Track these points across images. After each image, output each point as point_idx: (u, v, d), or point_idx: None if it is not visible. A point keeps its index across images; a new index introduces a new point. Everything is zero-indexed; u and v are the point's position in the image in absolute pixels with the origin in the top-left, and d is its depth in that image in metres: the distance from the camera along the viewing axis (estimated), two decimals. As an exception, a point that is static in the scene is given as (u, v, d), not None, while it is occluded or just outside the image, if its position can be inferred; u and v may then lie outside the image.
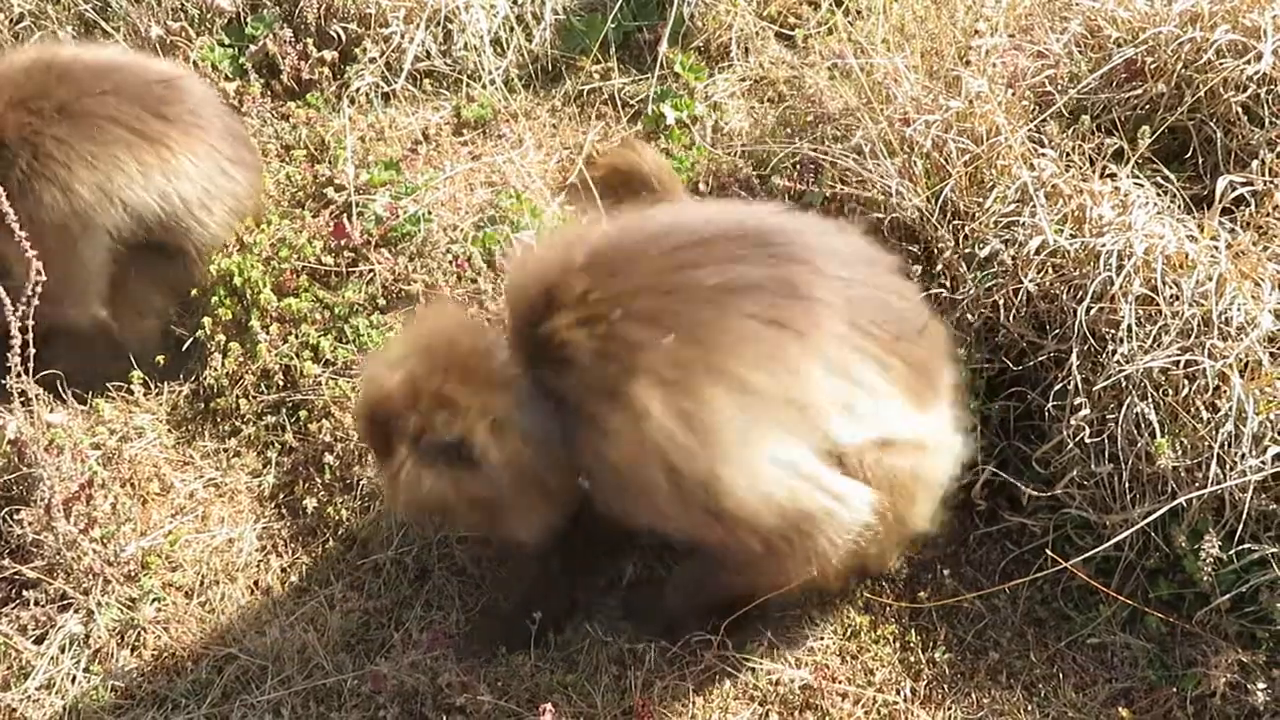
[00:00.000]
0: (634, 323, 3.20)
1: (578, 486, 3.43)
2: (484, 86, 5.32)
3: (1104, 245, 3.84)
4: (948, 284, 4.03)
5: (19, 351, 3.78)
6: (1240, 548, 3.60)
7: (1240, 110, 4.16)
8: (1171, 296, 3.77)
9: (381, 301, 4.50)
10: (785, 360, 3.21)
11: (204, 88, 4.65)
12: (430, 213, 4.68)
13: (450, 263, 4.53)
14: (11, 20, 5.30)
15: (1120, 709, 3.64)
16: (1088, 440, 3.76)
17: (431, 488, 3.42)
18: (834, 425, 3.27)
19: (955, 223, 4.11)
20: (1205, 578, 3.62)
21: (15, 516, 3.99)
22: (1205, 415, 3.66)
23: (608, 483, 3.33)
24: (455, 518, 3.68)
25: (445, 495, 3.45)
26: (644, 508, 3.31)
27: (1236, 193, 3.97)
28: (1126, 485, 3.72)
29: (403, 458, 3.40)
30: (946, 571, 3.96)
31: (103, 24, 5.31)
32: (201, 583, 4.01)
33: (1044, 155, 4.09)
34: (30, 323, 3.75)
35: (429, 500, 3.47)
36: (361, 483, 4.14)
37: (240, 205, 4.54)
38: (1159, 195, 4.05)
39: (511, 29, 5.44)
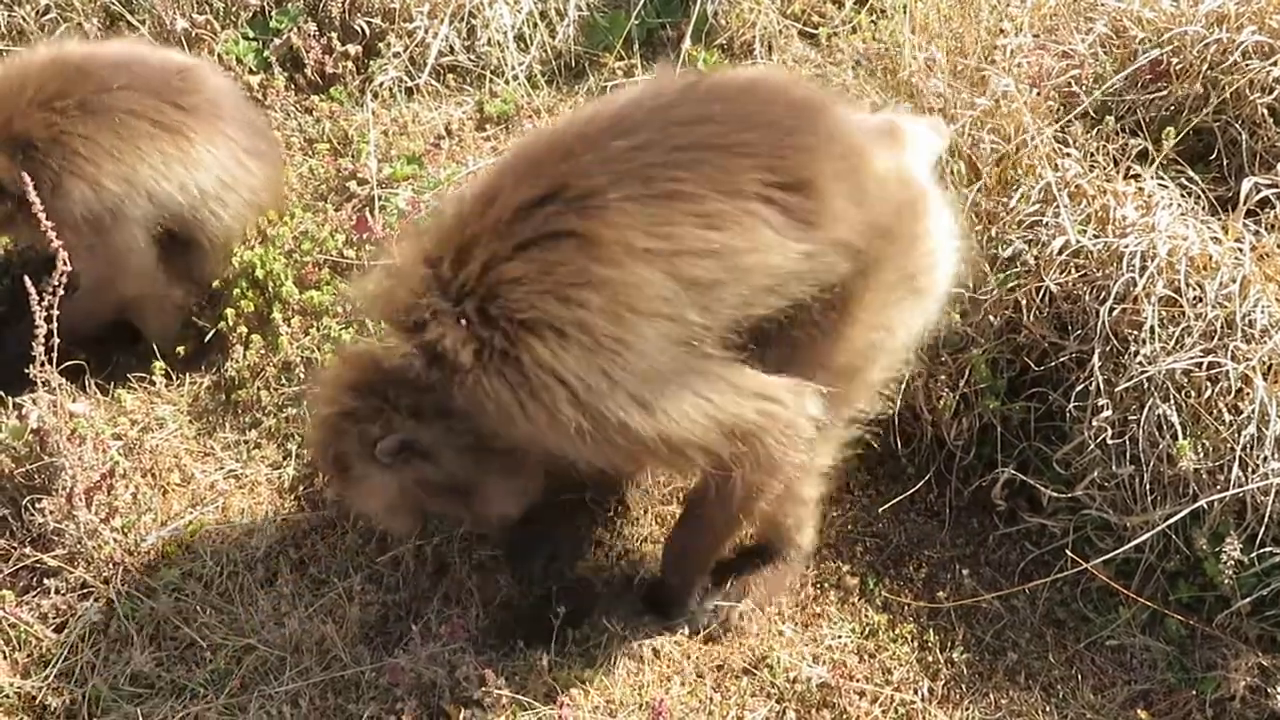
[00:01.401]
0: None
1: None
2: (507, 82, 5.32)
3: (1127, 246, 3.83)
4: (970, 283, 4.02)
5: (43, 341, 3.79)
6: (1261, 551, 3.60)
7: (1266, 112, 4.15)
8: (1195, 298, 3.76)
9: (403, 295, 4.51)
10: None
11: (221, 78, 4.66)
12: (452, 207, 4.69)
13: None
14: (38, 12, 5.32)
15: (1139, 711, 3.63)
16: (1109, 441, 3.75)
17: (400, 489, 3.51)
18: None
19: (980, 223, 4.10)
20: (1226, 581, 3.61)
21: (37, 505, 4.00)
22: (1228, 418, 3.65)
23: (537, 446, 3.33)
24: (437, 510, 3.74)
25: (415, 493, 3.53)
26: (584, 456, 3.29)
27: (1261, 195, 3.96)
28: (1147, 487, 3.71)
29: (363, 472, 3.49)
30: (965, 571, 3.96)
31: (128, 17, 5.33)
32: (221, 573, 4.02)
33: (1068, 155, 4.08)
34: (56, 313, 3.77)
35: (404, 502, 3.57)
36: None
37: (256, 197, 4.54)
38: (1183, 197, 4.04)
39: (535, 25, 5.44)
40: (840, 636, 3.85)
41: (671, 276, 3.11)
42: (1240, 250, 3.81)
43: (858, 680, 3.71)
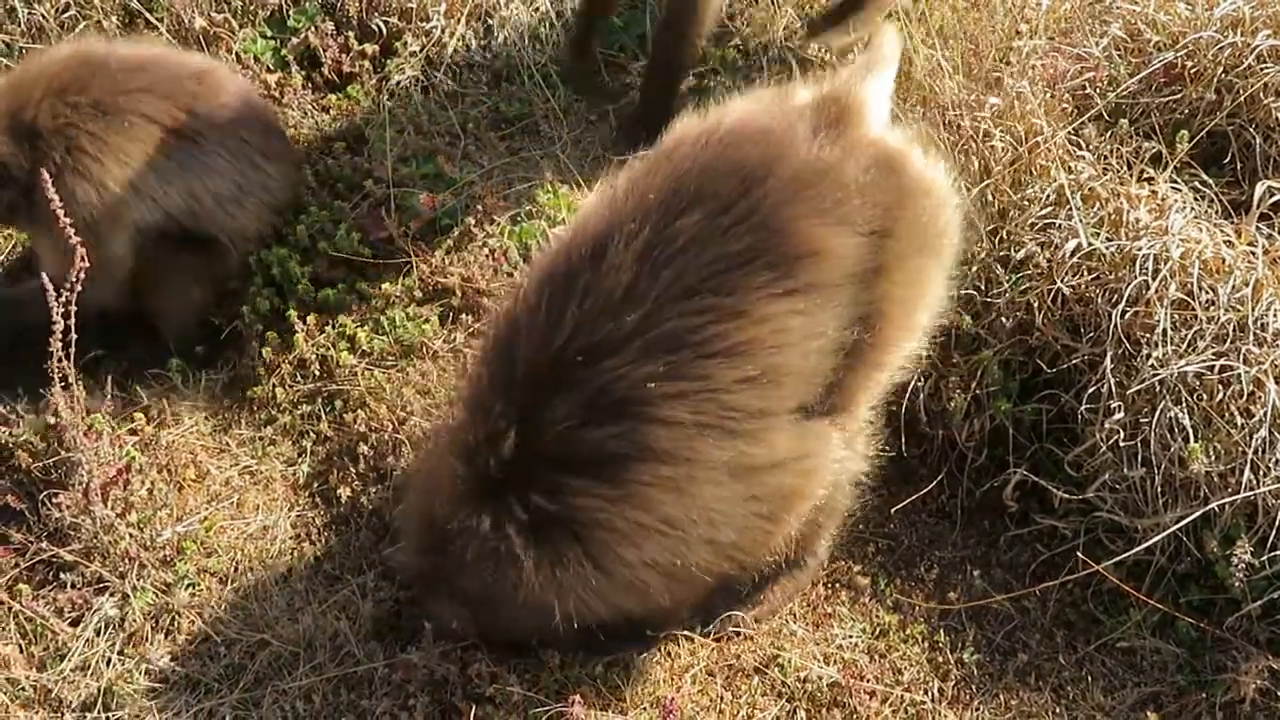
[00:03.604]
0: None
1: None
2: (523, 82, 5.33)
3: (1140, 249, 3.84)
4: (981, 285, 4.03)
5: (59, 338, 3.82)
6: (1272, 554, 3.60)
7: (1280, 116, 4.15)
8: (1207, 301, 3.77)
9: (418, 294, 4.53)
10: None
11: (237, 81, 4.68)
12: (468, 206, 4.71)
13: (487, 256, 4.56)
14: (58, 10, 5.35)
15: (1149, 713, 3.64)
16: (1121, 444, 3.75)
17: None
18: None
19: (992, 224, 4.11)
20: (1237, 584, 3.61)
21: (54, 500, 4.03)
22: (1239, 421, 3.65)
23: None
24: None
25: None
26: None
27: (1275, 198, 3.96)
28: (1159, 489, 3.71)
29: None
30: (976, 572, 3.96)
31: (146, 15, 5.35)
32: (236, 569, 4.04)
33: (1082, 158, 4.09)
34: (73, 309, 3.79)
35: None
36: (395, 473, 4.16)
37: (273, 198, 4.56)
38: (1196, 200, 4.04)
39: (551, 25, 5.45)
40: (851, 636, 3.86)
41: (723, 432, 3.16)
42: (1253, 254, 3.82)
43: (868, 680, 3.72)
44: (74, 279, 3.74)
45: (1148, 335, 3.77)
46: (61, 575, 3.99)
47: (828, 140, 3.33)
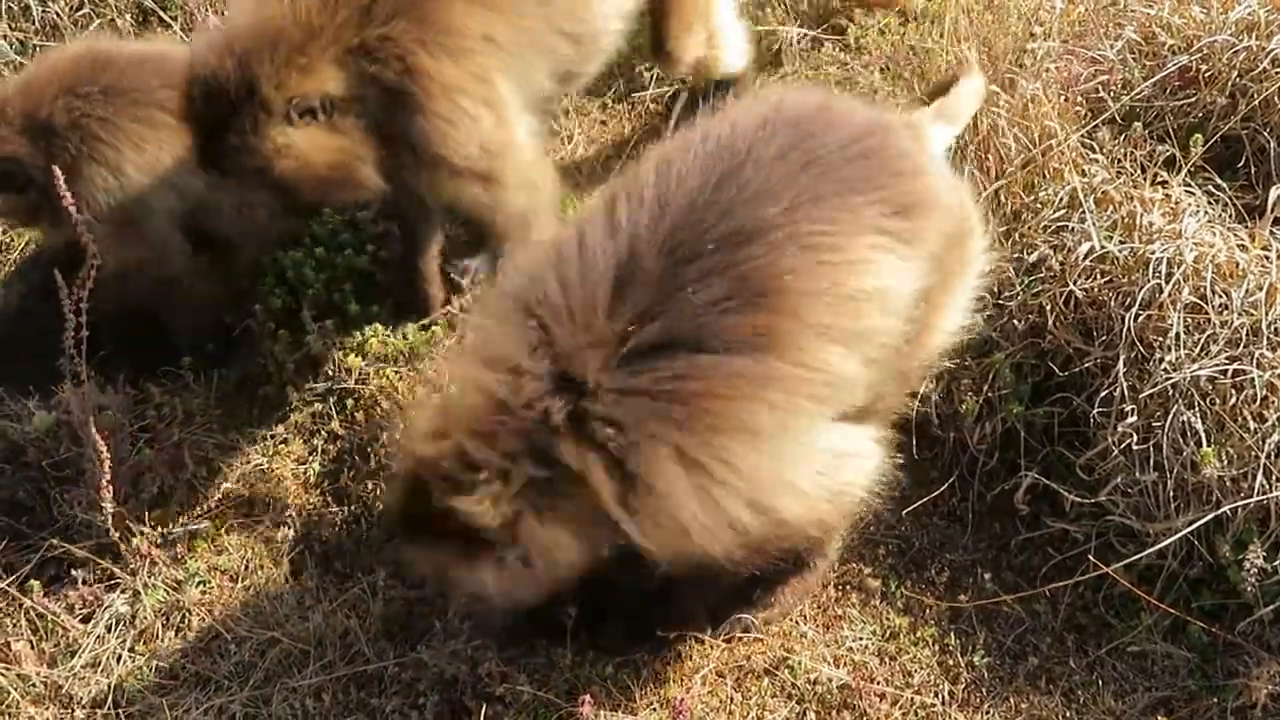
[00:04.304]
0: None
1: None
2: (535, 81, 5.33)
3: (1154, 253, 3.83)
4: (995, 288, 4.03)
5: (73, 333, 3.82)
6: (1285, 559, 3.59)
7: (1295, 120, 4.14)
8: (1221, 305, 3.76)
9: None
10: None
11: None
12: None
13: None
14: (72, 8, 5.36)
15: (1160, 718, 3.63)
16: (1133, 447, 3.75)
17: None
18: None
19: (1005, 227, 4.11)
20: (1249, 588, 3.60)
21: (65, 496, 4.04)
22: (1252, 425, 3.64)
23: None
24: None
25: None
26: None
27: (1289, 203, 3.96)
28: (1171, 494, 3.71)
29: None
30: (987, 575, 3.96)
31: (160, 12, 5.36)
32: (246, 566, 4.05)
33: (1095, 161, 4.08)
34: (85, 305, 3.79)
35: None
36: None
37: None
38: (1210, 204, 4.04)
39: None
40: (861, 638, 3.85)
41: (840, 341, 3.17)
42: (1267, 258, 3.81)
43: (878, 682, 3.72)
44: (86, 272, 3.75)
45: (1160, 339, 3.77)
46: (73, 572, 4.00)
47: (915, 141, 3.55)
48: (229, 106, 3.77)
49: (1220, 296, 3.77)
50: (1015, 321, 4.01)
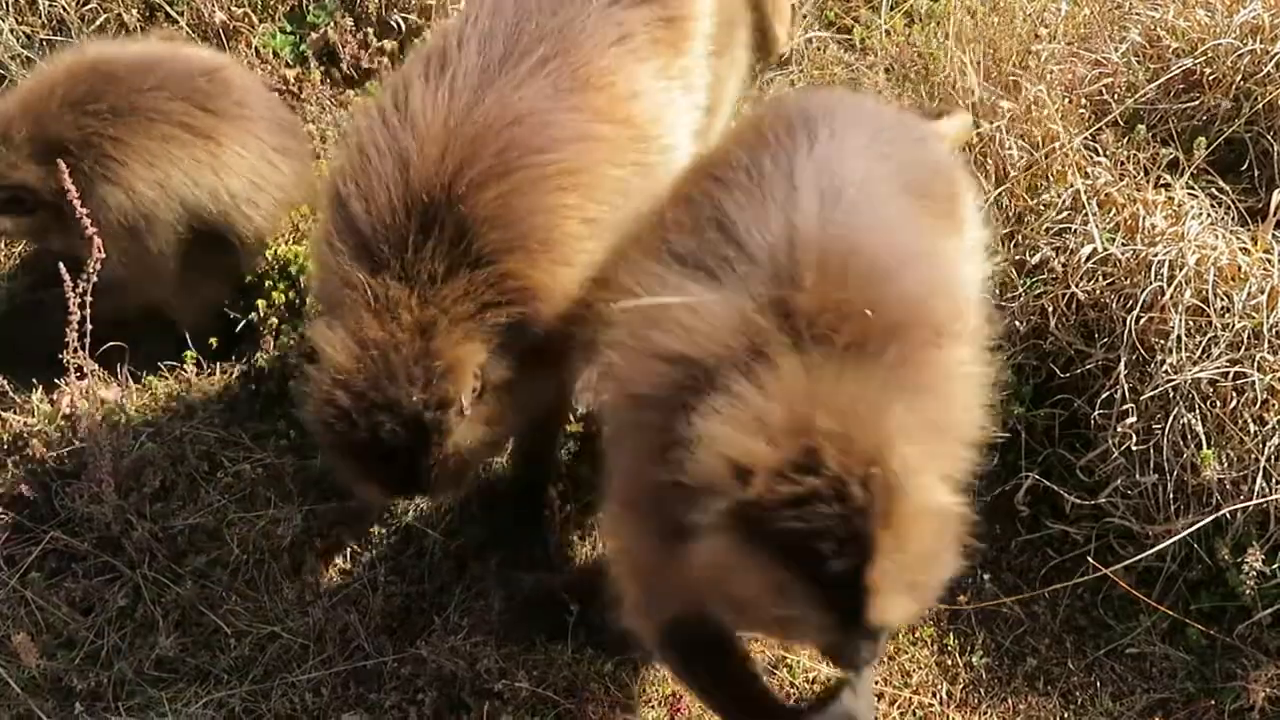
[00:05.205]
0: None
1: None
2: (541, 79, 5.33)
3: (1156, 255, 3.84)
4: (997, 289, 4.03)
5: (76, 328, 3.83)
6: (1284, 562, 3.60)
7: (1299, 124, 4.14)
8: (1222, 308, 3.76)
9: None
10: None
11: (247, 77, 4.68)
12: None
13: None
14: (79, 3, 5.36)
15: (1157, 720, 3.64)
16: (1133, 449, 3.75)
17: None
18: None
19: (1008, 228, 4.11)
20: (1247, 591, 3.61)
21: (67, 490, 4.05)
22: (1252, 428, 3.65)
23: None
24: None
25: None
26: None
27: (1292, 205, 3.95)
28: (1170, 496, 3.71)
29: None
30: (987, 576, 3.96)
31: (167, 8, 5.37)
32: (247, 561, 4.05)
33: (1099, 163, 4.09)
34: (89, 300, 3.80)
35: None
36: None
37: (287, 195, 4.57)
38: (1213, 207, 4.04)
39: (570, 23, 5.45)
40: (860, 638, 3.85)
41: None
42: (1269, 261, 3.81)
43: (877, 682, 3.72)
44: (91, 267, 3.76)
45: (1162, 341, 3.77)
46: (74, 565, 4.01)
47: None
48: None
49: (1222, 299, 3.77)
50: (1017, 323, 4.01)
